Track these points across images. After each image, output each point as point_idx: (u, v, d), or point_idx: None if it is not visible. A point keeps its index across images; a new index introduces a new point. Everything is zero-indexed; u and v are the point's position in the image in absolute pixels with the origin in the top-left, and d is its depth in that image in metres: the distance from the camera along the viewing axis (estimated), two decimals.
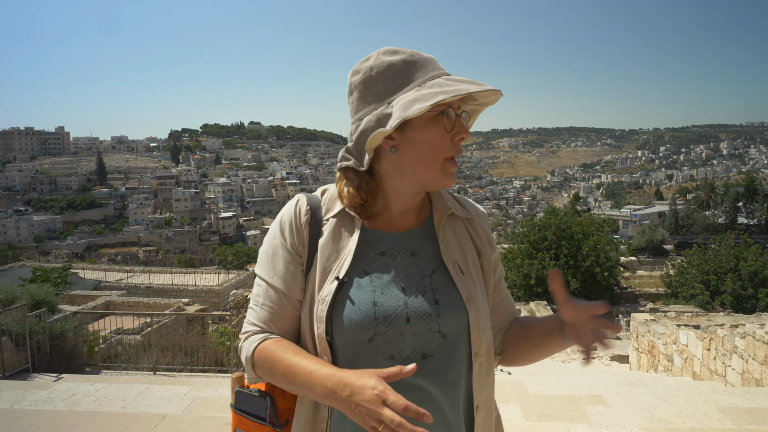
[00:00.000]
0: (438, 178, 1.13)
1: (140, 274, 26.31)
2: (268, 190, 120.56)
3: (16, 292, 8.91)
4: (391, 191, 1.18)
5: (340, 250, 1.16)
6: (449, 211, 1.24)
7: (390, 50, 1.14)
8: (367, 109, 1.13)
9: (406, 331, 1.10)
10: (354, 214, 1.17)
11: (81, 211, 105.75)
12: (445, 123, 1.10)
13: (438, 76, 1.11)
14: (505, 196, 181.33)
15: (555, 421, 4.61)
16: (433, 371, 1.10)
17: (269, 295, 1.17)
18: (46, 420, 4.78)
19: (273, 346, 1.11)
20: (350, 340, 1.10)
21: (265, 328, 1.16)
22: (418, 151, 1.11)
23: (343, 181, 1.20)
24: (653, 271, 31.28)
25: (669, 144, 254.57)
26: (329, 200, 1.22)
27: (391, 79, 1.12)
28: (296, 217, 1.19)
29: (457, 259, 1.20)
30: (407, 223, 1.22)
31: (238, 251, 57.51)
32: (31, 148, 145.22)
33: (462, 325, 1.14)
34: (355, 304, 1.10)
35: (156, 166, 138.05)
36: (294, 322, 1.18)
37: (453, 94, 1.04)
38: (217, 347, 9.98)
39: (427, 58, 1.14)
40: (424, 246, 1.20)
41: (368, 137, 1.11)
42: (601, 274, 22.39)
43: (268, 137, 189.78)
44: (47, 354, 7.59)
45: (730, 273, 21.48)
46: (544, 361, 12.28)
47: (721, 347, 7.50)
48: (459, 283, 1.16)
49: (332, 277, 1.13)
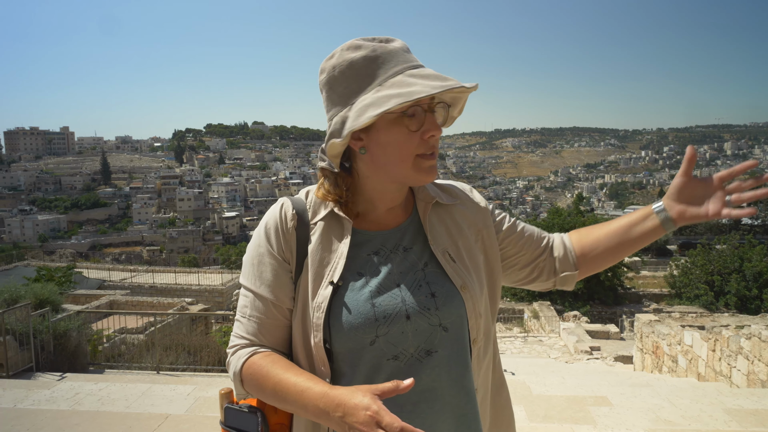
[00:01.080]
0: (413, 176, 1.09)
1: (144, 273, 26.36)
2: (271, 189, 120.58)
3: (20, 291, 8.89)
4: (373, 190, 1.15)
5: (331, 254, 1.12)
6: (433, 200, 1.21)
7: (353, 45, 1.08)
8: (334, 110, 1.09)
9: (408, 328, 1.07)
10: (343, 215, 1.14)
11: (85, 210, 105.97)
12: (407, 123, 1.05)
13: (401, 72, 1.05)
14: (508, 196, 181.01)
15: (559, 422, 4.58)
16: (438, 366, 1.08)
17: (256, 305, 1.12)
18: (49, 419, 4.78)
19: (262, 362, 1.07)
20: (351, 345, 1.06)
21: (254, 340, 1.12)
22: (386, 152, 1.08)
23: (322, 179, 1.18)
24: (657, 271, 31.18)
25: (672, 144, 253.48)
26: (315, 203, 1.18)
27: (353, 78, 1.06)
28: (282, 222, 1.15)
29: (447, 247, 1.17)
30: (396, 219, 1.19)
31: (242, 251, 57.39)
32: (36, 148, 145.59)
33: (461, 314, 1.12)
34: (353, 307, 1.07)
35: (160, 166, 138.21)
36: (284, 333, 1.14)
37: (405, 99, 0.99)
38: (220, 347, 9.97)
39: (392, 51, 1.07)
40: (414, 239, 1.17)
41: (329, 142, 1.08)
42: (605, 274, 22.29)
43: (271, 137, 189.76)
44: (51, 353, 7.60)
45: (734, 274, 21.41)
46: (547, 362, 12.29)
47: (726, 348, 7.46)
48: (450, 271, 1.13)
49: (326, 282, 1.09)
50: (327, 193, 1.16)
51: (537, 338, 16.17)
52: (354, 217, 1.16)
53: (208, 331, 13.52)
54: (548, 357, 13.20)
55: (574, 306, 21.08)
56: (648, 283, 27.53)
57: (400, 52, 1.07)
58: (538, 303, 19.92)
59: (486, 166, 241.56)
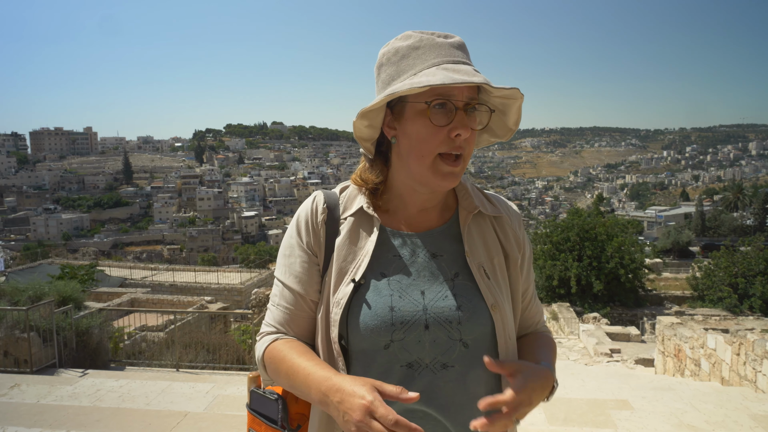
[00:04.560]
0: (429, 177, 1.06)
1: (164, 272, 26.66)
2: (290, 189, 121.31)
3: (43, 289, 9.06)
4: (402, 186, 1.13)
5: (357, 251, 1.11)
6: (476, 210, 1.16)
7: (405, 35, 1.09)
8: (378, 95, 1.09)
9: (425, 338, 1.04)
10: (372, 213, 1.12)
11: (108, 209, 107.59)
12: (430, 116, 1.02)
13: (437, 64, 1.03)
14: (527, 196, 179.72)
15: (580, 426, 4.52)
16: (452, 382, 1.05)
17: (285, 295, 1.14)
18: (71, 415, 4.85)
19: (281, 347, 1.09)
20: (365, 346, 1.05)
21: (280, 329, 1.13)
22: (410, 144, 1.06)
23: (363, 163, 1.19)
24: (679, 273, 30.64)
25: (695, 144, 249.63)
26: (348, 198, 1.17)
27: (396, 64, 1.07)
28: (313, 216, 1.15)
29: (482, 262, 1.12)
30: (429, 222, 1.15)
31: (260, 250, 57.98)
32: (60, 148, 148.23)
33: (485, 333, 1.07)
34: (372, 308, 1.05)
35: (180, 166, 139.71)
36: (310, 324, 1.14)
37: (415, 86, 0.97)
38: (238, 345, 10.05)
39: (437, 44, 1.05)
40: (446, 247, 1.13)
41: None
42: (626, 275, 22.00)
43: (290, 137, 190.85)
44: (73, 350, 7.71)
45: (759, 276, 20.95)
46: (566, 364, 12.16)
47: (752, 352, 7.30)
48: (484, 287, 1.09)
49: (348, 280, 1.08)
50: (358, 179, 1.16)
51: (556, 340, 15.96)
52: (384, 214, 1.15)
53: (227, 330, 13.64)
54: (567, 359, 13.05)
55: (594, 308, 20.82)
56: (669, 285, 27.08)
57: (445, 46, 1.05)
58: (557, 304, 19.72)
59: (505, 167, 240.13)
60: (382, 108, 1.07)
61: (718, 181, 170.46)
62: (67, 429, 4.47)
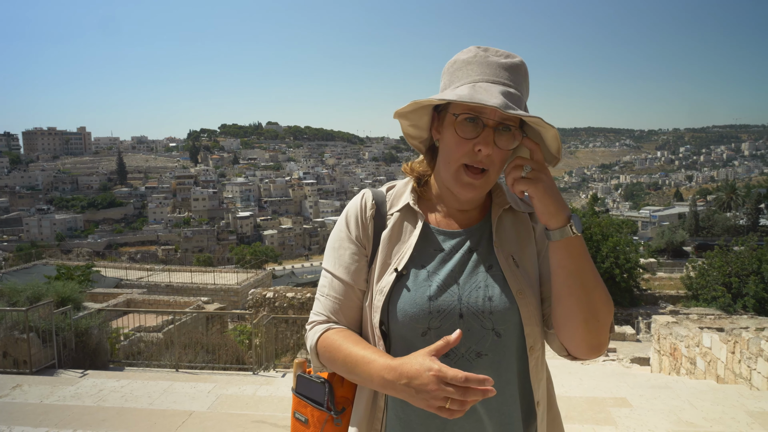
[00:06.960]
0: (452, 184, 1.15)
1: (160, 272, 26.56)
2: (285, 189, 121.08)
3: (42, 290, 9.04)
4: (441, 185, 1.22)
5: (401, 244, 1.19)
6: (507, 205, 1.24)
7: (468, 49, 1.16)
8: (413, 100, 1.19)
9: (460, 327, 1.10)
10: (417, 210, 1.21)
11: (102, 210, 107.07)
12: (456, 127, 1.10)
13: (476, 81, 1.09)
14: None
15: (581, 423, 4.58)
16: (486, 370, 1.11)
17: (334, 285, 1.21)
18: (76, 415, 4.87)
19: (335, 336, 1.15)
20: (404, 332, 1.13)
21: (331, 318, 1.20)
22: (442, 149, 1.16)
23: (421, 156, 1.30)
24: (673, 273, 30.82)
25: (689, 144, 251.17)
26: (395, 196, 1.26)
27: (450, 74, 1.15)
28: (362, 211, 1.23)
29: (512, 252, 1.19)
30: (468, 219, 1.23)
31: (256, 250, 57.97)
32: (54, 148, 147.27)
33: (514, 321, 1.14)
34: (411, 296, 1.13)
35: (175, 166, 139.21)
36: (357, 313, 1.21)
37: (440, 98, 1.08)
38: (237, 345, 10.06)
39: (489, 62, 1.11)
40: (482, 242, 1.21)
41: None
42: (621, 275, 22.13)
43: (285, 137, 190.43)
44: (72, 350, 7.70)
45: (752, 275, 21.11)
46: (563, 362, 12.21)
47: (746, 350, 7.38)
48: (509, 275, 1.15)
49: (391, 269, 1.16)
50: (408, 167, 1.28)
51: None
52: (428, 211, 1.24)
53: (224, 330, 13.64)
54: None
55: None
56: (664, 284, 27.22)
57: (494, 65, 1.10)
58: None
59: None
60: (426, 111, 1.18)
61: (711, 181, 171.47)
62: (73, 428, 4.49)
